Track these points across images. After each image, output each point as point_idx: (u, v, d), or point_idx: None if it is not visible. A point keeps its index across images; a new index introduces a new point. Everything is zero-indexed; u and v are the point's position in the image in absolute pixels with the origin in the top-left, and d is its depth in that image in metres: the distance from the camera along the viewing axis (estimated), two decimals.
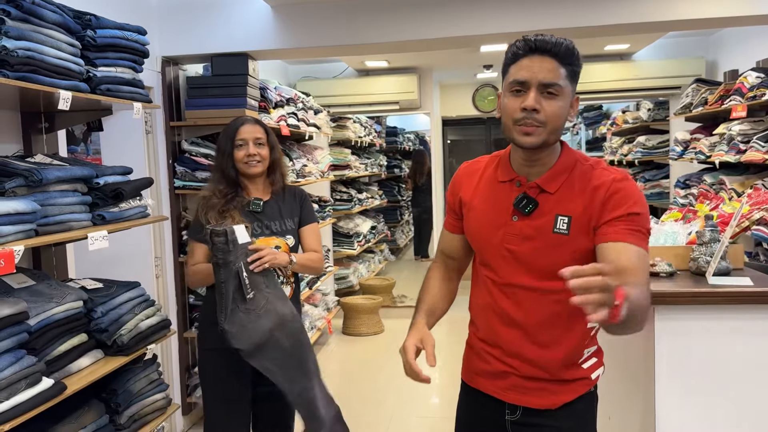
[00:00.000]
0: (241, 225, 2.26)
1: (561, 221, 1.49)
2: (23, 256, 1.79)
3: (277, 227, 2.46)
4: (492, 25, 3.58)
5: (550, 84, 1.45)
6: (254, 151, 2.44)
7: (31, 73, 1.95)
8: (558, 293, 1.44)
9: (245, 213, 2.43)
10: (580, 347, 1.58)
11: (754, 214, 3.15)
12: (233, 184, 2.46)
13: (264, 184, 2.54)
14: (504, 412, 1.63)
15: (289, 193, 2.58)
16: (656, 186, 6.43)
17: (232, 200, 2.42)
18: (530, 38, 1.46)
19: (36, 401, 1.83)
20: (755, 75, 4.06)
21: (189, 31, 3.70)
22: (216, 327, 2.32)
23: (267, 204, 2.50)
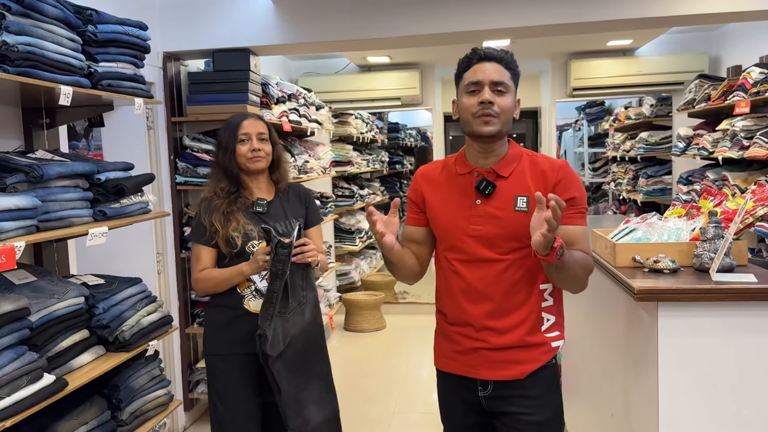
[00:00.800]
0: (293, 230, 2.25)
1: (521, 201, 1.77)
2: (24, 252, 1.79)
3: (283, 228, 2.37)
4: (494, 20, 3.56)
5: (500, 82, 1.76)
6: (258, 146, 2.36)
7: (32, 69, 1.94)
8: (519, 261, 1.78)
9: (249, 214, 2.36)
10: (538, 309, 1.82)
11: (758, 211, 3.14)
12: (235, 182, 2.38)
13: (267, 183, 2.46)
14: (477, 390, 1.84)
15: (293, 192, 2.51)
16: (659, 182, 6.41)
17: (235, 201, 2.34)
18: (480, 49, 1.81)
19: (37, 397, 1.82)
20: (759, 71, 4.04)
21: (190, 26, 3.69)
22: (223, 333, 2.33)
23: (271, 204, 2.42)
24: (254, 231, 2.32)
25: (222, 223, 2.30)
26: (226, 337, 2.35)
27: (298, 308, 2.27)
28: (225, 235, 2.29)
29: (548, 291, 1.85)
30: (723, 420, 1.92)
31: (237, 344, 2.33)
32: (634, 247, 2.23)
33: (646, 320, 2.03)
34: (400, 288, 6.95)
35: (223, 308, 2.37)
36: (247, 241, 2.31)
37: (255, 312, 2.30)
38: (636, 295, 1.92)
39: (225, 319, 2.35)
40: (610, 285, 2.34)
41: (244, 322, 2.32)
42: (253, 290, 2.34)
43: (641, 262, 2.16)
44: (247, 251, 2.31)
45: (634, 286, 1.94)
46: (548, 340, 1.83)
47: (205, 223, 2.33)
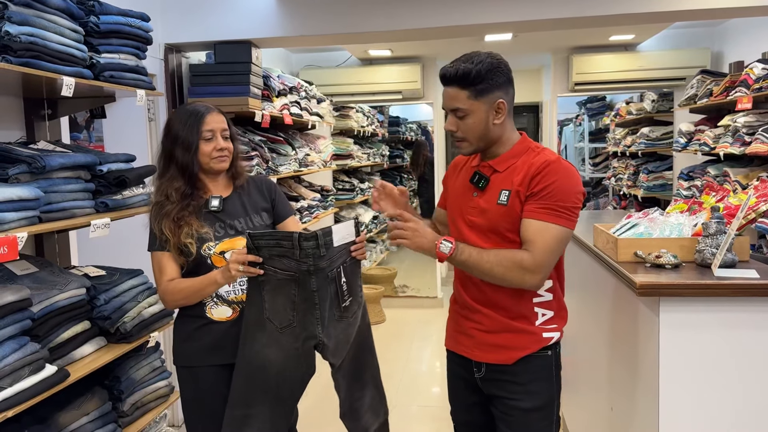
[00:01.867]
0: (349, 221, 1.98)
1: (503, 194, 1.83)
2: (26, 243, 1.79)
3: (243, 225, 2.14)
4: (496, 14, 3.55)
5: (455, 109, 1.82)
6: (224, 144, 2.11)
7: (34, 59, 1.94)
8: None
9: (203, 215, 2.10)
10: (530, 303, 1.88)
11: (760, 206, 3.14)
12: (192, 183, 2.11)
13: (224, 180, 2.20)
14: (473, 370, 1.97)
15: (253, 185, 2.25)
16: (659, 177, 6.40)
17: (188, 205, 2.08)
18: (442, 69, 1.83)
19: (39, 388, 1.83)
20: (761, 66, 4.03)
21: (192, 18, 3.68)
22: (188, 343, 2.12)
23: (227, 201, 2.16)
24: (210, 233, 2.07)
25: (173, 230, 2.04)
26: (190, 348, 2.13)
27: (359, 310, 2.05)
28: (176, 244, 2.04)
29: (544, 287, 1.87)
30: (723, 414, 1.93)
31: (202, 355, 2.11)
32: (636, 242, 2.23)
33: (647, 315, 2.03)
34: (399, 281, 6.96)
35: (186, 317, 2.14)
36: (201, 245, 2.06)
37: (219, 320, 2.10)
38: (638, 290, 1.92)
39: (188, 329, 2.13)
40: (611, 280, 2.34)
41: (208, 331, 2.10)
42: (214, 296, 2.10)
43: (643, 257, 2.16)
44: (203, 254, 2.06)
45: (635, 281, 1.94)
46: (540, 330, 1.88)
47: (156, 231, 2.08)
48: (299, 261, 1.89)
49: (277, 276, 1.91)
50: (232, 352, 2.04)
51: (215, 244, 2.08)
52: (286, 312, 1.95)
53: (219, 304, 2.10)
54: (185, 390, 2.17)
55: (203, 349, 2.11)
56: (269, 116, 3.83)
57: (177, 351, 2.17)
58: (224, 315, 2.11)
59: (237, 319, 2.08)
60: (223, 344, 2.09)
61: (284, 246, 1.88)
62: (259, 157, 3.72)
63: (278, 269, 1.91)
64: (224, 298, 2.10)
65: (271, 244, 1.88)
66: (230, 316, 2.11)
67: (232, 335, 2.07)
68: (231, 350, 2.06)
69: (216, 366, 2.11)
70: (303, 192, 4.76)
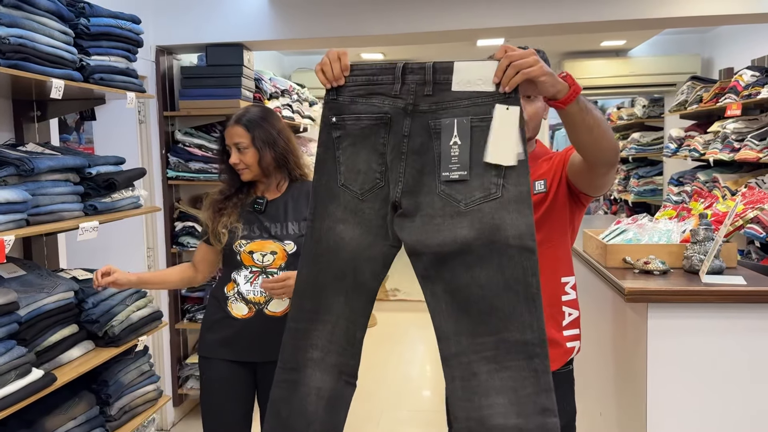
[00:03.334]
0: (489, 62, 1.36)
1: (537, 184, 1.74)
2: (14, 246, 1.78)
3: (277, 230, 2.16)
4: (489, 19, 3.56)
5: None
6: (235, 159, 2.14)
7: (23, 61, 1.93)
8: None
9: (246, 212, 2.18)
10: (559, 302, 1.77)
11: (748, 213, 3.17)
12: (233, 185, 2.21)
13: (275, 181, 2.23)
14: None
15: (303, 191, 2.21)
16: (650, 183, 6.44)
17: (232, 197, 2.19)
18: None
19: (26, 392, 1.82)
20: (750, 73, 4.06)
21: (184, 20, 3.67)
22: (208, 333, 2.18)
23: (272, 203, 2.19)
24: (239, 228, 2.14)
25: (212, 217, 2.19)
26: (210, 339, 2.20)
27: (487, 204, 1.43)
28: (214, 230, 2.18)
29: (570, 284, 1.82)
30: (710, 419, 1.94)
31: (218, 348, 2.17)
32: (625, 248, 2.24)
33: (635, 321, 2.04)
34: (391, 285, 6.95)
35: (213, 307, 2.23)
36: (233, 240, 2.14)
37: (236, 316, 2.15)
38: (626, 296, 1.93)
39: (213, 319, 2.21)
40: (600, 285, 2.35)
41: (226, 325, 2.16)
42: (236, 292, 2.17)
43: (632, 263, 2.18)
44: (235, 249, 2.15)
45: (624, 286, 1.95)
46: (565, 339, 1.80)
47: (202, 218, 2.25)
48: (395, 98, 1.41)
49: (361, 123, 1.46)
50: (244, 349, 2.15)
51: (246, 242, 2.14)
52: (371, 170, 1.47)
53: (238, 300, 2.16)
54: (203, 380, 2.23)
55: (219, 342, 2.17)
56: None
57: (200, 340, 2.25)
58: (241, 312, 2.15)
59: (252, 318, 2.15)
60: (236, 340, 2.15)
61: (380, 81, 1.44)
62: None
63: (363, 114, 1.45)
64: (244, 296, 2.15)
65: (360, 81, 1.46)
66: (246, 314, 2.15)
67: (245, 333, 2.14)
68: (242, 348, 2.14)
69: (227, 361, 2.16)
70: None
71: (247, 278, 2.15)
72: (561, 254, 1.78)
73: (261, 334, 2.14)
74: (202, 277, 2.30)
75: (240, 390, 2.19)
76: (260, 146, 2.13)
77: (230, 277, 2.18)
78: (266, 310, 2.14)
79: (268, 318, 2.14)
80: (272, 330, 2.10)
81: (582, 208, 1.82)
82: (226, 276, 2.21)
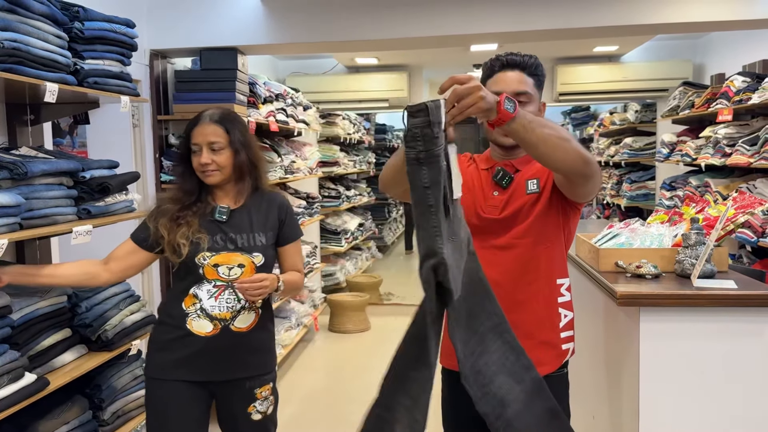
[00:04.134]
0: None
1: (531, 183, 1.76)
2: (7, 250, 1.77)
3: (244, 242, 2.03)
4: (482, 24, 3.58)
5: (521, 92, 1.74)
6: (207, 159, 2.00)
7: (17, 65, 1.92)
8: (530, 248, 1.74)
9: (207, 222, 2.02)
10: (553, 301, 1.78)
11: (739, 218, 3.19)
12: (197, 189, 2.06)
13: (234, 190, 2.09)
14: None
15: (266, 201, 2.12)
16: (642, 187, 6.47)
17: (191, 205, 2.03)
18: (502, 56, 1.77)
19: (18, 396, 1.81)
20: (741, 79, 4.10)
21: (178, 24, 3.67)
22: (163, 353, 2.02)
23: (235, 213, 2.06)
24: (204, 239, 1.98)
25: (168, 227, 1.99)
26: (162, 359, 2.02)
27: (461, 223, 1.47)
28: (171, 242, 1.98)
29: (565, 286, 1.82)
30: (703, 423, 1.95)
31: (177, 368, 2.00)
32: (617, 252, 2.25)
33: (628, 325, 2.05)
34: (385, 289, 6.95)
35: (166, 325, 2.05)
36: (195, 252, 1.98)
37: (198, 334, 1.99)
38: (618, 299, 1.94)
39: (166, 339, 2.03)
40: (592, 289, 2.36)
41: (186, 344, 2.00)
42: (198, 309, 2.00)
43: (624, 267, 2.19)
44: (197, 262, 1.99)
45: (616, 290, 1.96)
46: (560, 341, 1.79)
47: (150, 226, 2.04)
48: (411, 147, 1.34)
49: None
50: (205, 369, 1.99)
51: (211, 255, 1.99)
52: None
53: (201, 317, 2.00)
54: (152, 402, 2.05)
55: (175, 362, 2.01)
56: (255, 123, 3.83)
57: (150, 360, 2.07)
58: (204, 329, 1.99)
59: (216, 335, 1.99)
60: (196, 360, 2.00)
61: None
62: None
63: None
64: (208, 313, 2.00)
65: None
66: (210, 332, 1.99)
67: (207, 351, 1.99)
68: (203, 367, 1.99)
69: (184, 382, 2.00)
70: (288, 199, 4.76)
71: (211, 293, 2.00)
72: (556, 255, 1.78)
73: (225, 352, 2.01)
74: (110, 277, 2.06)
75: (197, 413, 2.04)
76: (238, 147, 2.04)
77: (187, 292, 2.01)
78: (232, 326, 2.00)
79: (234, 335, 2.01)
80: (237, 347, 2.02)
81: (576, 212, 1.82)
82: (180, 290, 2.03)
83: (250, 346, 2.05)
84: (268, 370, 2.13)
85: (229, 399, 2.06)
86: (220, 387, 2.04)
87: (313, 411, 4.02)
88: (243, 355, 2.04)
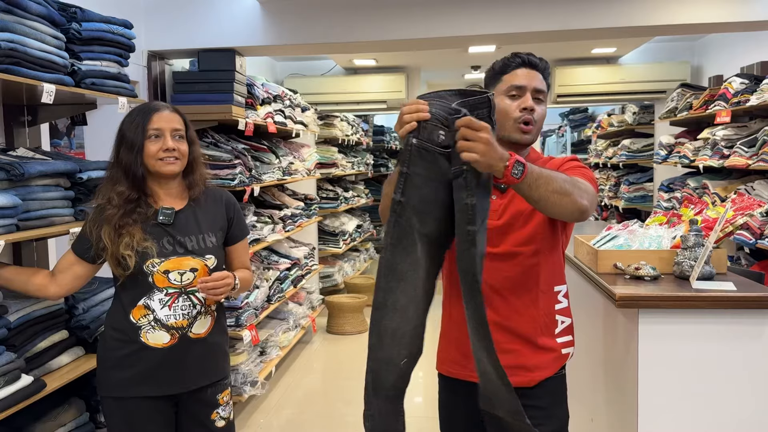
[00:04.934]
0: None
1: None
2: (4, 251, 1.77)
3: (194, 244, 1.93)
4: (480, 26, 3.58)
5: (541, 90, 1.75)
6: (172, 144, 1.90)
7: (14, 66, 1.92)
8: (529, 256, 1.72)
9: (151, 226, 1.90)
10: (551, 309, 1.77)
11: (737, 219, 3.19)
12: (138, 187, 1.91)
13: (178, 189, 1.99)
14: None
15: (210, 199, 2.03)
16: (640, 189, 6.47)
17: (132, 212, 1.89)
18: (523, 54, 1.77)
19: (15, 398, 1.80)
20: (739, 81, 4.10)
21: (176, 25, 3.67)
22: (117, 370, 1.90)
23: (180, 214, 1.95)
24: (152, 248, 1.87)
25: (112, 238, 1.85)
26: (118, 376, 1.91)
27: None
28: (115, 253, 1.85)
29: (562, 293, 1.81)
30: (702, 425, 1.94)
31: (137, 385, 1.91)
32: (616, 253, 2.25)
33: (626, 326, 2.05)
34: None
35: (115, 341, 1.92)
36: (143, 262, 1.87)
37: (154, 346, 1.89)
38: (617, 301, 1.94)
39: (117, 355, 1.91)
40: (591, 291, 2.36)
41: (142, 358, 1.90)
42: (152, 320, 1.90)
43: (622, 268, 2.19)
44: (146, 270, 1.88)
45: (615, 292, 1.96)
46: (559, 346, 1.78)
47: (92, 237, 1.89)
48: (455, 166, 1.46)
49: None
50: (167, 381, 1.93)
51: (160, 261, 1.89)
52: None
53: (156, 328, 1.90)
54: (112, 424, 1.95)
55: (134, 378, 1.90)
56: (253, 124, 3.82)
57: (102, 379, 1.95)
58: (161, 341, 1.90)
59: (175, 345, 1.91)
60: (157, 373, 1.91)
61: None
62: (242, 165, 3.71)
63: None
64: (163, 323, 1.90)
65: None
66: (167, 343, 1.91)
67: (167, 363, 1.91)
68: (164, 380, 1.92)
69: (148, 398, 1.92)
70: (286, 200, 4.75)
71: (164, 302, 1.89)
72: (554, 262, 1.77)
73: (184, 361, 1.93)
74: (57, 290, 1.95)
75: (163, 427, 1.97)
76: (191, 140, 2.00)
77: (135, 303, 1.90)
78: (190, 333, 1.93)
79: (192, 342, 1.94)
80: (197, 354, 1.96)
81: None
82: (127, 302, 1.92)
83: (209, 351, 1.99)
84: (227, 374, 2.09)
85: (192, 409, 2.00)
86: (183, 398, 1.98)
87: (311, 412, 4.01)
88: (204, 361, 1.98)
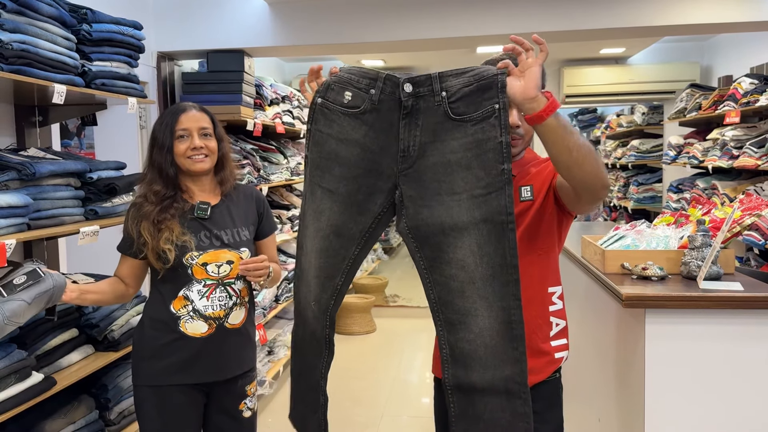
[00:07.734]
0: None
1: (524, 190, 1.72)
2: (15, 250, 1.79)
3: (230, 238, 2.01)
4: (488, 26, 3.58)
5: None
6: (200, 143, 1.98)
7: (26, 66, 1.94)
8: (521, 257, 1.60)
9: (188, 221, 1.98)
10: (545, 310, 1.75)
11: (745, 220, 3.17)
12: (172, 185, 2.00)
13: (211, 185, 2.07)
14: None
15: (243, 195, 2.12)
16: (649, 190, 6.45)
17: (169, 207, 1.96)
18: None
19: (26, 396, 1.82)
20: (749, 81, 4.08)
21: (185, 26, 3.69)
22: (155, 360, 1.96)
23: (215, 209, 2.03)
24: (191, 242, 1.95)
25: (152, 233, 1.92)
26: (157, 366, 1.97)
27: None
28: (155, 248, 1.93)
29: (557, 294, 1.79)
30: (708, 425, 1.94)
31: (171, 374, 1.96)
32: (623, 254, 2.25)
33: (633, 327, 2.05)
34: (390, 291, 6.95)
35: (154, 331, 1.99)
36: (182, 255, 1.95)
37: (194, 335, 1.96)
38: (624, 301, 1.94)
39: (157, 344, 1.97)
40: (598, 291, 2.35)
41: (181, 347, 1.96)
42: (191, 310, 1.97)
43: (630, 269, 2.18)
44: (185, 263, 1.95)
45: (622, 292, 1.96)
46: (553, 350, 1.76)
47: (133, 234, 1.96)
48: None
49: None
50: (204, 370, 1.98)
51: (198, 254, 1.96)
52: None
53: (195, 318, 1.97)
54: (147, 412, 1.99)
55: (173, 367, 1.96)
56: (261, 125, 3.84)
57: (139, 368, 2.00)
58: (199, 330, 1.96)
59: (212, 335, 1.98)
60: (195, 362, 1.97)
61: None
62: (251, 165, 3.73)
63: None
64: (201, 313, 1.96)
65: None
66: (205, 332, 1.97)
67: (205, 352, 1.97)
68: (202, 369, 1.98)
69: (183, 386, 1.97)
70: (294, 200, 4.77)
71: (202, 293, 1.96)
72: (548, 264, 1.75)
73: (221, 350, 2.00)
74: (133, 292, 2.08)
75: (194, 417, 2.02)
76: (220, 137, 2.06)
77: (175, 294, 1.97)
78: (227, 324, 2.00)
79: (228, 332, 2.01)
80: (232, 344, 2.03)
81: (570, 219, 1.77)
82: (166, 293, 1.98)
83: (243, 341, 2.07)
84: (254, 365, 2.16)
85: (222, 399, 2.06)
86: (216, 387, 2.04)
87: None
88: (238, 351, 2.06)
